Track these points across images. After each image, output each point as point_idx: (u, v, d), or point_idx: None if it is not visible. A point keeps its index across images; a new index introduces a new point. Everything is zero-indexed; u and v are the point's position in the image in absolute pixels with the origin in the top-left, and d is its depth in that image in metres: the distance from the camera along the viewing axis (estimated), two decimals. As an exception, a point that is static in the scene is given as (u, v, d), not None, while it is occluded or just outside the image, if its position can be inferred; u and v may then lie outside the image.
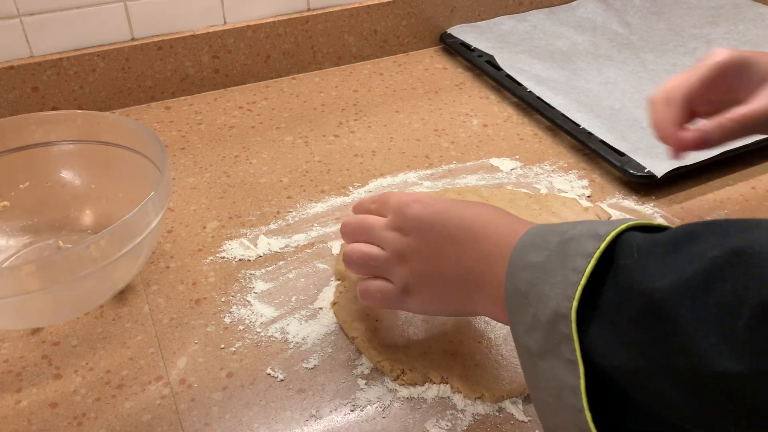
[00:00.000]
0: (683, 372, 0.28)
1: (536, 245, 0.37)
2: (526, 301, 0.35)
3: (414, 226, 0.46)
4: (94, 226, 0.62)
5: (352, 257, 0.50)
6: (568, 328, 0.32)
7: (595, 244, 0.33)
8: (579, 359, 0.32)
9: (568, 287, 0.33)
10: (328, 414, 0.47)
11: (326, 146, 0.76)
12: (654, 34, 0.99)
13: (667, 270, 0.30)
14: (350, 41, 0.93)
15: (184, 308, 0.56)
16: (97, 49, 0.80)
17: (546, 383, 0.34)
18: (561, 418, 0.34)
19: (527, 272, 0.36)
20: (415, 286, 0.46)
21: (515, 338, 0.37)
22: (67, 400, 0.48)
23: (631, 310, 0.31)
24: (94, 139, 0.60)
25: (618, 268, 0.32)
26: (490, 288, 0.41)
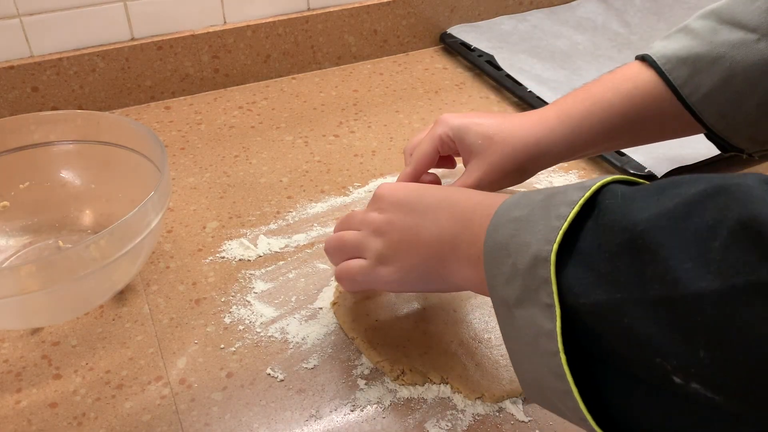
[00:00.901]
0: (657, 300, 0.28)
1: (520, 203, 0.37)
2: (506, 253, 0.35)
3: (391, 203, 0.47)
4: (93, 226, 0.62)
5: (329, 244, 0.51)
6: (547, 270, 0.32)
7: (580, 194, 0.33)
8: (556, 301, 0.32)
9: (550, 232, 0.33)
10: (328, 414, 0.47)
11: (326, 146, 0.76)
12: (654, 34, 0.98)
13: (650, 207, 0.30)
14: (350, 41, 0.93)
15: (184, 308, 0.56)
16: (96, 48, 0.80)
17: (522, 332, 0.34)
18: (536, 365, 0.34)
19: (509, 225, 0.36)
20: (390, 256, 0.45)
21: (492, 293, 0.37)
22: (67, 400, 0.48)
23: (610, 247, 0.31)
24: (93, 139, 0.60)
25: (600, 210, 0.32)
26: (467, 247, 0.41)
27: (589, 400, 0.32)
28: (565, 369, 0.31)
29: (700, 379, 0.27)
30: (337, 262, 0.50)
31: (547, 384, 0.33)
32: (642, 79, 0.54)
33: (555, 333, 0.32)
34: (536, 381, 0.34)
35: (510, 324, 0.36)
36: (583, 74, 0.87)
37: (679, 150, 0.69)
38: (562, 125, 0.54)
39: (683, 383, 0.28)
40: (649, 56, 0.54)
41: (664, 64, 0.53)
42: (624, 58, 0.92)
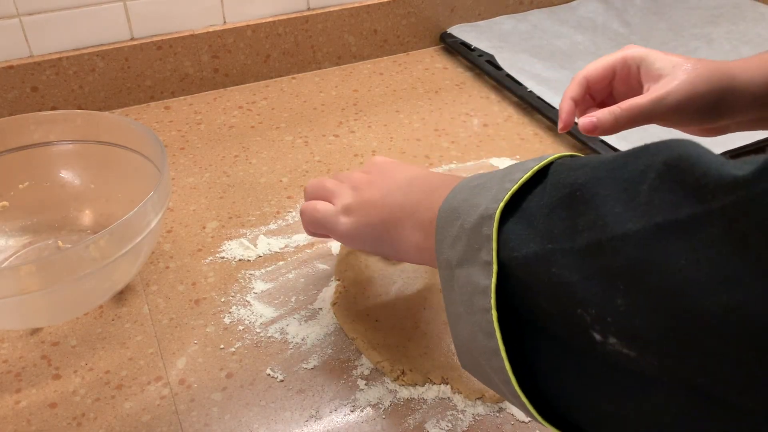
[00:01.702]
0: (585, 247, 0.28)
1: (482, 175, 0.38)
2: (456, 215, 0.36)
3: (378, 168, 0.49)
4: (93, 226, 0.62)
5: (310, 184, 0.52)
6: (490, 228, 0.32)
7: (535, 163, 0.34)
8: (494, 257, 0.32)
9: (500, 193, 0.33)
10: (328, 414, 0.47)
11: (326, 146, 0.76)
12: (654, 33, 0.98)
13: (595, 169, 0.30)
14: (350, 41, 0.93)
15: (184, 308, 0.55)
16: (96, 48, 0.80)
17: (460, 291, 0.34)
18: (469, 325, 0.34)
19: (465, 191, 0.37)
20: (354, 210, 0.47)
21: (438, 256, 0.37)
22: (67, 400, 0.48)
23: (551, 202, 0.31)
24: (93, 139, 0.60)
25: (549, 174, 0.33)
26: (423, 212, 0.42)
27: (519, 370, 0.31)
28: (495, 325, 0.31)
29: (616, 331, 0.27)
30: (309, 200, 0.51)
31: (478, 344, 0.33)
32: None
33: (489, 289, 0.31)
34: (468, 343, 0.34)
35: (450, 286, 0.35)
36: (584, 74, 0.87)
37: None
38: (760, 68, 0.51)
39: (602, 340, 0.28)
40: None
41: None
42: (624, 58, 0.92)
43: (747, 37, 0.95)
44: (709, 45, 0.94)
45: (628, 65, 0.54)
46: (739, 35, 0.96)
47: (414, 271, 0.57)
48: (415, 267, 0.57)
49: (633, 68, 0.54)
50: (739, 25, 0.98)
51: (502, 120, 0.81)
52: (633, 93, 0.54)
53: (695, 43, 0.95)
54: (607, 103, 0.56)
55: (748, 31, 0.96)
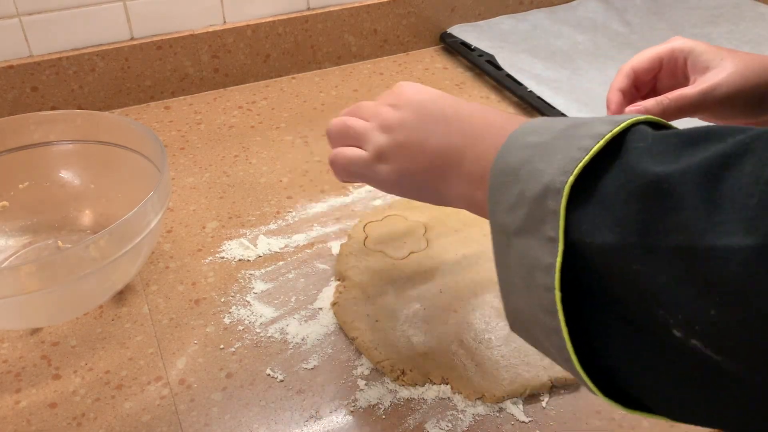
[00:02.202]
0: (677, 249, 0.26)
1: (540, 129, 0.35)
2: (515, 179, 0.33)
3: (408, 102, 0.45)
4: (93, 226, 0.62)
5: (333, 126, 0.48)
6: (557, 203, 0.30)
7: (608, 128, 0.31)
8: (561, 236, 0.30)
9: (568, 163, 0.31)
10: (328, 414, 0.47)
11: (326, 146, 0.76)
12: (655, 33, 0.98)
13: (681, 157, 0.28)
14: (350, 41, 0.93)
15: (184, 308, 0.55)
16: (96, 48, 0.80)
17: (517, 263, 0.33)
18: (526, 299, 0.32)
19: (524, 151, 0.34)
20: (391, 154, 0.43)
21: (491, 217, 0.35)
22: (67, 400, 0.48)
23: (631, 189, 0.29)
24: (93, 139, 0.60)
25: (626, 151, 0.30)
26: (471, 164, 0.39)
27: (578, 343, 0.31)
28: (558, 307, 0.30)
29: (703, 338, 0.26)
30: (336, 146, 0.48)
31: (536, 318, 0.32)
32: None
33: (554, 268, 0.30)
34: (523, 314, 0.33)
35: (505, 252, 0.34)
36: (584, 74, 0.87)
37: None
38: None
39: (682, 338, 0.27)
40: None
41: None
42: (624, 58, 0.91)
43: (747, 37, 0.95)
44: (709, 45, 0.94)
45: (675, 57, 0.53)
46: (739, 35, 0.96)
47: (414, 271, 0.57)
48: (414, 267, 0.57)
49: (680, 60, 0.53)
50: (739, 25, 0.98)
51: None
52: (679, 85, 0.53)
53: (695, 43, 0.94)
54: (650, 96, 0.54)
55: (748, 31, 0.96)
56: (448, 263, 0.58)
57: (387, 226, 0.62)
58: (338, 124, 0.48)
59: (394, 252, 0.59)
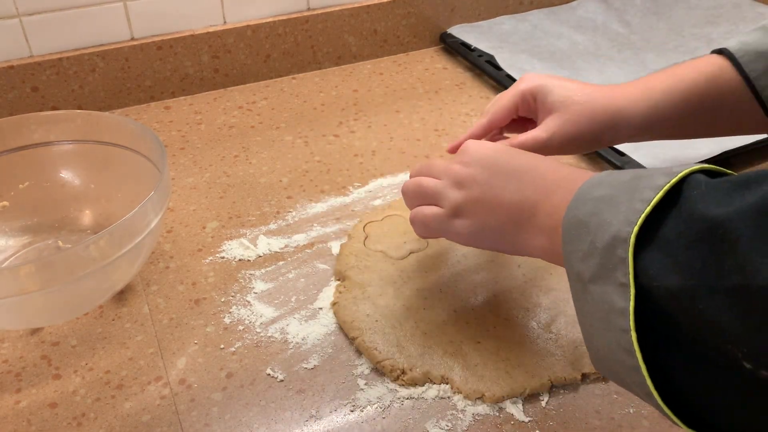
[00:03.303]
0: (735, 289, 0.29)
1: (604, 182, 0.38)
2: (586, 230, 0.36)
3: (478, 159, 0.47)
4: (93, 226, 0.62)
5: (408, 187, 0.51)
6: (625, 251, 0.33)
7: (666, 179, 0.34)
8: (631, 281, 0.32)
9: (632, 214, 0.33)
10: (328, 414, 0.47)
11: (326, 146, 0.76)
12: (654, 33, 0.98)
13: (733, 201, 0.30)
14: (350, 41, 0.93)
15: (184, 308, 0.55)
16: (96, 48, 0.80)
17: (595, 308, 0.35)
18: (606, 340, 0.35)
19: (592, 204, 0.36)
20: (467, 210, 0.46)
21: (568, 267, 0.38)
22: (67, 400, 0.48)
23: (690, 235, 0.31)
24: (93, 139, 0.60)
25: (684, 199, 0.33)
26: (545, 217, 0.42)
27: (656, 376, 0.33)
28: (635, 346, 0.32)
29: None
30: (412, 206, 0.51)
31: (617, 358, 0.34)
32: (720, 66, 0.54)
33: (628, 311, 0.32)
34: (606, 355, 0.35)
35: (583, 298, 0.36)
36: (583, 74, 0.87)
37: (679, 150, 0.69)
38: (644, 98, 0.54)
39: (753, 369, 0.29)
40: (726, 49, 0.55)
41: (741, 56, 0.53)
42: (624, 58, 0.92)
43: (747, 37, 0.95)
44: (708, 45, 0.94)
45: (526, 99, 0.56)
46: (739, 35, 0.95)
47: (414, 271, 0.57)
48: (415, 267, 0.57)
49: (530, 101, 0.56)
50: (739, 25, 0.98)
51: (502, 120, 0.81)
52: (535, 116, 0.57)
53: (695, 43, 0.95)
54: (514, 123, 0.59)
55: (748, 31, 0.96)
56: (449, 263, 0.58)
57: (387, 226, 0.62)
58: (413, 184, 0.51)
59: (394, 252, 0.59)
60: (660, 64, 0.90)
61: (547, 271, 0.57)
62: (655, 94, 0.54)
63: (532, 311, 0.53)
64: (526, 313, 0.53)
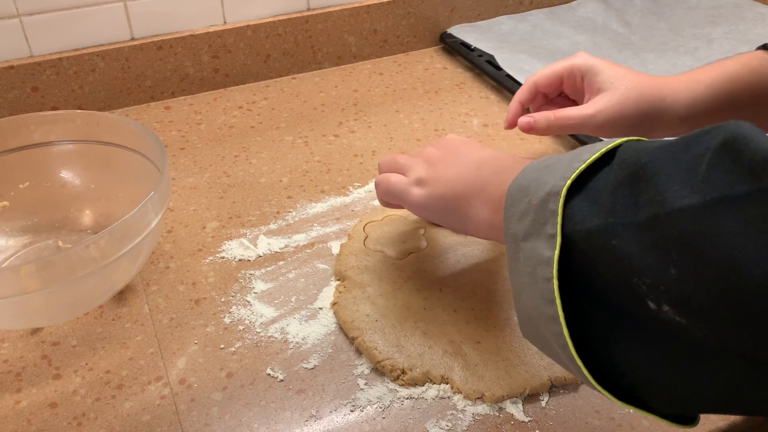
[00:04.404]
0: (645, 221, 0.30)
1: (551, 157, 0.39)
2: (525, 193, 0.37)
3: (451, 146, 0.52)
4: (93, 226, 0.62)
5: (383, 160, 0.55)
6: (556, 204, 0.34)
7: (604, 145, 0.35)
8: (558, 230, 0.33)
9: (568, 172, 0.35)
10: (328, 414, 0.47)
11: (326, 146, 0.76)
12: (654, 33, 0.98)
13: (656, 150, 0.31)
14: (350, 41, 0.93)
15: (184, 308, 0.55)
16: (96, 48, 0.80)
17: (525, 263, 0.36)
18: (532, 293, 0.35)
19: (535, 172, 0.38)
20: (427, 181, 0.50)
21: (506, 231, 0.39)
22: (67, 400, 0.48)
23: (615, 181, 0.32)
24: (93, 139, 0.60)
25: (617, 155, 0.34)
26: (493, 190, 0.45)
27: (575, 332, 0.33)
28: (556, 293, 0.33)
29: (669, 299, 0.29)
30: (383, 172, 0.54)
31: (539, 311, 0.35)
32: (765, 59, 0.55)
33: (552, 260, 0.33)
34: (529, 311, 0.36)
35: (516, 258, 0.37)
36: (583, 74, 0.87)
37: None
38: (688, 89, 0.55)
39: (656, 308, 0.29)
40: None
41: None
42: (624, 58, 0.92)
43: (747, 37, 0.95)
44: (708, 45, 0.94)
45: (574, 74, 0.58)
46: (739, 35, 0.96)
47: (414, 271, 0.57)
48: (414, 267, 0.57)
49: (578, 77, 0.58)
50: (739, 25, 0.98)
51: (501, 120, 0.81)
52: (580, 97, 0.59)
53: (695, 43, 0.95)
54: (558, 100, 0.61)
55: (748, 31, 0.96)
56: (448, 263, 0.58)
57: (387, 226, 0.62)
58: (389, 158, 0.55)
59: (394, 252, 0.59)
60: (660, 64, 0.90)
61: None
62: (699, 85, 0.55)
63: (532, 311, 0.53)
64: (526, 313, 0.53)
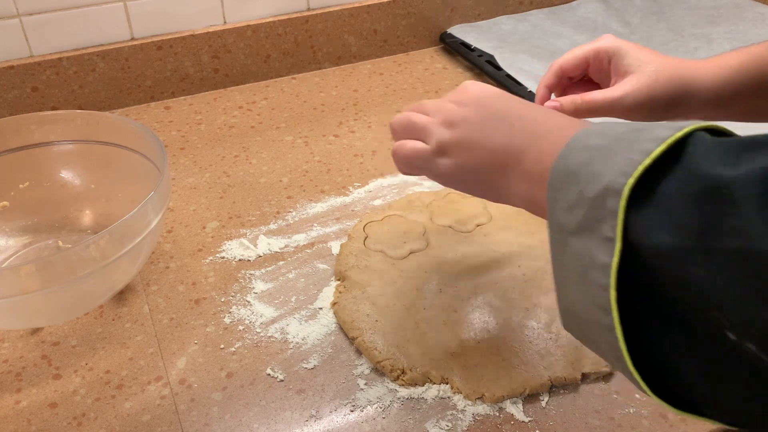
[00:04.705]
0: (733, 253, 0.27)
1: (602, 132, 0.36)
2: (575, 179, 0.34)
3: (473, 99, 0.45)
4: (93, 226, 0.62)
5: (396, 120, 0.49)
6: (616, 204, 0.31)
7: (669, 132, 0.32)
8: (619, 236, 0.31)
9: (628, 165, 0.31)
10: (328, 414, 0.47)
11: (326, 146, 0.76)
12: (654, 33, 0.98)
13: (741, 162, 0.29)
14: (350, 41, 0.93)
15: (184, 308, 0.55)
16: (96, 48, 0.80)
17: (574, 261, 0.34)
18: (582, 296, 0.33)
19: (585, 153, 0.35)
20: (453, 149, 0.44)
21: (550, 216, 0.36)
22: (67, 400, 0.48)
23: (690, 192, 0.29)
24: (93, 139, 0.60)
25: (687, 155, 0.31)
26: (532, 163, 0.40)
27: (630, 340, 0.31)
28: (613, 306, 0.31)
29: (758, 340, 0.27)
30: (399, 140, 0.49)
31: (590, 316, 0.33)
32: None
33: (610, 268, 0.31)
34: (578, 311, 0.34)
35: (562, 250, 0.35)
36: (583, 74, 0.87)
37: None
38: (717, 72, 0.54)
39: (736, 340, 0.28)
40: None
41: None
42: (624, 58, 0.92)
43: (747, 37, 0.95)
44: (708, 45, 0.94)
45: (600, 57, 0.55)
46: (739, 35, 0.96)
47: (414, 271, 0.57)
48: (416, 266, 0.57)
49: (604, 60, 0.55)
50: (739, 25, 0.98)
51: (502, 120, 0.81)
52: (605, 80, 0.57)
53: (695, 43, 0.95)
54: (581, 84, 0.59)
55: (748, 31, 0.96)
56: (448, 263, 0.58)
57: (387, 226, 0.62)
58: (402, 118, 0.49)
59: (394, 252, 0.59)
60: (660, 64, 0.90)
61: (547, 271, 0.57)
62: (728, 69, 0.54)
63: (532, 311, 0.53)
64: (526, 313, 0.53)
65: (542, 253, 0.59)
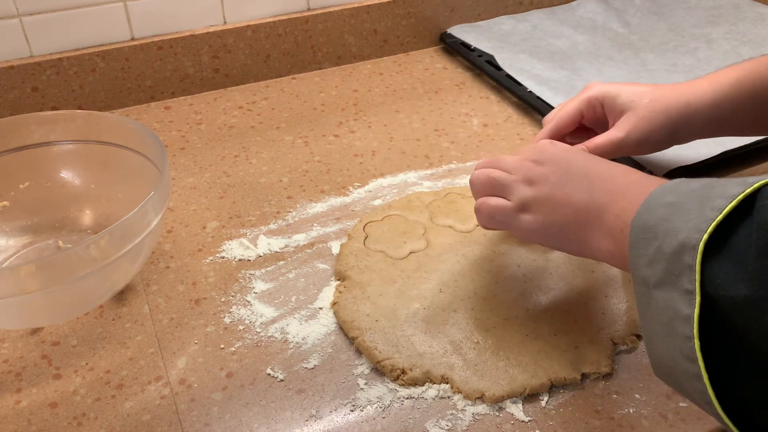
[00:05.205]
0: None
1: (675, 190, 0.37)
2: (653, 235, 0.36)
3: (552, 158, 0.48)
4: (93, 226, 0.62)
5: (476, 177, 0.52)
6: (693, 258, 0.33)
7: (740, 189, 0.33)
8: (697, 289, 0.32)
9: (702, 222, 0.33)
10: (328, 414, 0.47)
11: (326, 146, 0.76)
12: (654, 33, 0.98)
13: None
14: (350, 41, 0.93)
15: (184, 308, 0.56)
16: (97, 48, 0.80)
17: (659, 313, 0.35)
18: (668, 346, 0.35)
19: (661, 209, 0.36)
20: (535, 206, 0.47)
21: (633, 271, 0.38)
22: (67, 400, 0.48)
23: (761, 245, 0.31)
24: (93, 139, 0.60)
25: (757, 209, 0.32)
26: (613, 219, 0.42)
27: (717, 386, 0.33)
28: (698, 355, 0.32)
29: None
30: (479, 196, 0.51)
31: (678, 365, 0.34)
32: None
33: (692, 319, 0.32)
34: (667, 361, 0.35)
35: (647, 303, 0.36)
36: (583, 74, 0.87)
37: (678, 150, 0.69)
38: (713, 90, 0.55)
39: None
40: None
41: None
42: (624, 58, 0.92)
43: (747, 37, 0.95)
44: (708, 45, 0.94)
45: (593, 105, 0.57)
46: (739, 35, 0.96)
47: (414, 271, 0.57)
48: (415, 266, 0.57)
49: (598, 108, 0.57)
50: (739, 25, 0.98)
51: (501, 120, 0.81)
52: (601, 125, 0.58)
53: (695, 43, 0.95)
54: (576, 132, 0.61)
55: (747, 31, 0.96)
56: (448, 263, 0.58)
57: (387, 226, 0.62)
58: (482, 175, 0.51)
59: (394, 252, 0.59)
60: (660, 64, 0.90)
61: (547, 271, 0.57)
62: (722, 86, 0.54)
63: (532, 311, 0.53)
64: (526, 313, 0.53)
65: (542, 254, 0.59)
